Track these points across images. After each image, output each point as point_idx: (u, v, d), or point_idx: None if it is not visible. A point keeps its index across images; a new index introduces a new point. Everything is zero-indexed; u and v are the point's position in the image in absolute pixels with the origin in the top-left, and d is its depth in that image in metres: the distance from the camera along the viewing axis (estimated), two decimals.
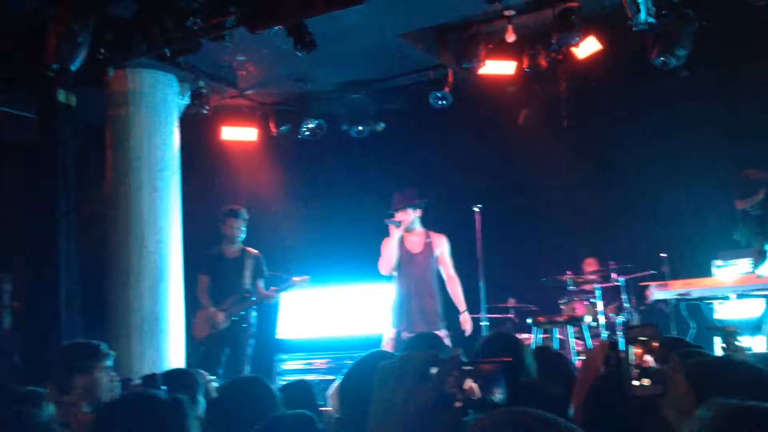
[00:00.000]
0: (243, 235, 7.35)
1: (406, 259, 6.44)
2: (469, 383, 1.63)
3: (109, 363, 3.62)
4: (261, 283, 7.30)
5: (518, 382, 2.31)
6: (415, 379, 1.64)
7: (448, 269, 6.50)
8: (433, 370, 1.66)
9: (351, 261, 8.74)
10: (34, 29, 6.48)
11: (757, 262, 6.37)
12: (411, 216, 6.43)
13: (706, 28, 6.80)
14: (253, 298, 7.19)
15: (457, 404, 1.63)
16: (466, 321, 6.47)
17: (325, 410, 3.49)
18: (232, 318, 7.11)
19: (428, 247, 6.50)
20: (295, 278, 7.31)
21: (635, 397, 1.82)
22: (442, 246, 6.51)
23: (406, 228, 6.40)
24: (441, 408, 1.61)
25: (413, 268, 6.38)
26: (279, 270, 7.51)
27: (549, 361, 3.25)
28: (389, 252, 6.41)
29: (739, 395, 1.65)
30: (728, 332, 3.71)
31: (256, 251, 7.40)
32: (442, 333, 6.03)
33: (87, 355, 3.58)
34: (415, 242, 6.47)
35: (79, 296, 7.52)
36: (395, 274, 6.46)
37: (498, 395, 1.64)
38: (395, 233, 6.38)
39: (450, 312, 6.52)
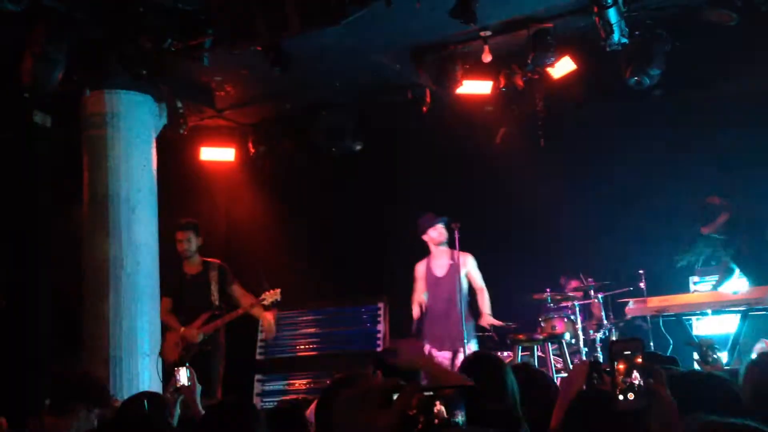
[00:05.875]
0: (194, 247, 7.01)
1: (433, 282, 6.91)
2: (438, 406, 1.67)
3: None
4: (236, 290, 6.93)
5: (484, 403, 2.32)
6: (378, 405, 1.67)
7: (475, 283, 7.02)
8: (395, 397, 1.70)
9: (330, 280, 8.73)
10: (9, 50, 6.44)
11: (721, 280, 6.51)
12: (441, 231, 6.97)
13: (678, 48, 6.92)
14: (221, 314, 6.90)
15: (420, 427, 1.67)
16: (485, 321, 6.98)
17: None
18: (204, 338, 6.83)
19: (453, 268, 6.89)
20: (267, 293, 6.91)
21: (620, 411, 1.83)
22: (467, 264, 6.98)
23: (440, 243, 6.97)
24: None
25: (440, 290, 6.82)
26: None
27: (530, 378, 3.25)
28: (416, 294, 7.05)
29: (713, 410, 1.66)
30: (704, 345, 3.73)
31: (217, 261, 7.06)
32: (471, 347, 6.62)
33: (99, 392, 3.60)
34: (441, 265, 6.95)
35: (51, 318, 7.43)
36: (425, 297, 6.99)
37: (459, 418, 1.68)
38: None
39: None
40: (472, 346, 6.73)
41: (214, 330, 6.88)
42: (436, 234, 6.92)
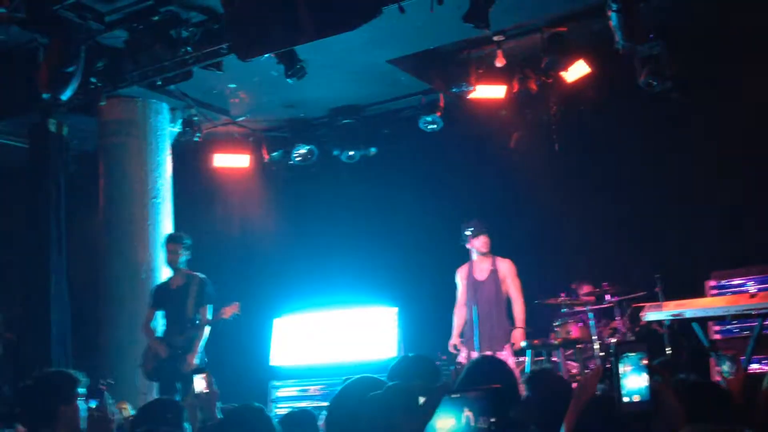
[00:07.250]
0: (183, 259, 6.91)
1: (474, 286, 6.98)
2: (466, 412, 1.63)
3: (83, 390, 3.57)
4: (207, 310, 6.82)
5: (507, 409, 2.30)
6: (403, 409, 1.65)
7: (512, 291, 7.06)
8: (421, 400, 1.67)
9: (344, 286, 8.72)
10: (26, 59, 6.51)
11: None
12: (484, 242, 7.02)
13: (693, 52, 6.89)
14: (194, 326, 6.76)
15: None
16: (516, 336, 6.95)
17: None
18: (177, 351, 6.70)
19: (493, 274, 7.06)
20: (226, 309, 6.77)
21: (626, 413, 1.81)
22: (506, 270, 7.09)
23: (484, 253, 7.04)
24: None
25: (480, 295, 6.92)
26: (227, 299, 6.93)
27: (548, 384, 3.23)
28: (459, 298, 7.15)
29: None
30: (721, 357, 3.66)
31: (201, 275, 6.95)
32: (504, 353, 6.74)
33: (69, 383, 3.53)
34: (482, 269, 7.06)
35: (69, 325, 7.47)
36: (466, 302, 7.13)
37: (485, 423, 1.65)
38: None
39: None
40: (509, 349, 6.93)
41: (183, 343, 6.71)
42: (479, 244, 7.03)
